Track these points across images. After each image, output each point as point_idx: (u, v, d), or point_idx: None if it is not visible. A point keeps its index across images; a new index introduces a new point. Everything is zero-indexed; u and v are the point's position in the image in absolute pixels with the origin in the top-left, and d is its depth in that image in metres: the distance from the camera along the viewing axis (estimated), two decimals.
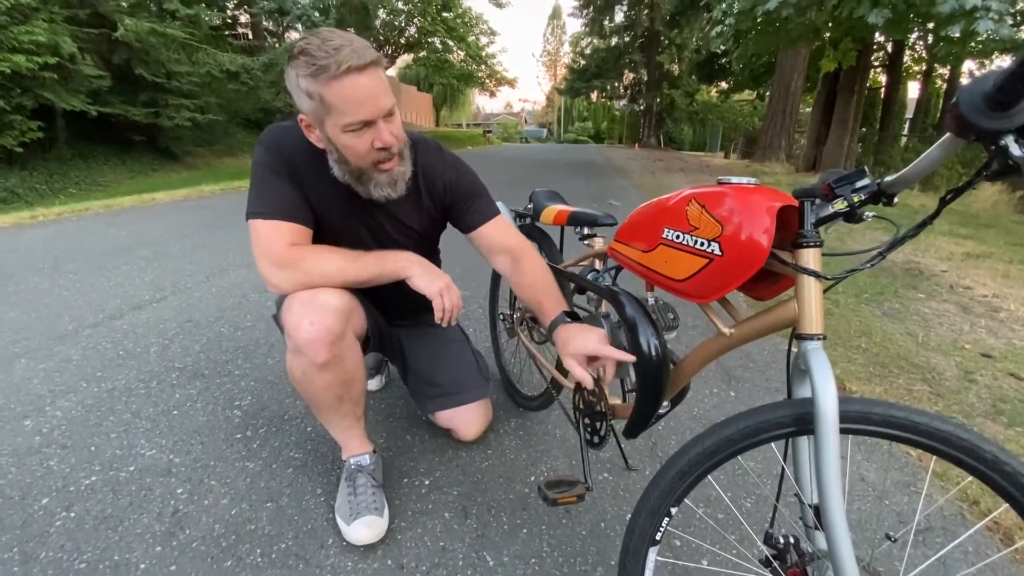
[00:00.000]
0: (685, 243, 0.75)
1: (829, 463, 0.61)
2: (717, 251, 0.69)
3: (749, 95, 22.80)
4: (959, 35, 6.16)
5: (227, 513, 1.15)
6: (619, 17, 28.09)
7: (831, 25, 8.22)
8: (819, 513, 0.66)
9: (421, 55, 21.30)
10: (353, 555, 1.05)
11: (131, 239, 3.95)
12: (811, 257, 0.65)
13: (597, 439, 1.09)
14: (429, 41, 20.26)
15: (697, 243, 0.72)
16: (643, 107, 30.40)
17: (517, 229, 1.39)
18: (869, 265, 0.66)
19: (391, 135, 0.95)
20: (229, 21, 14.39)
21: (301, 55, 0.88)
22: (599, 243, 1.24)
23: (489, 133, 39.53)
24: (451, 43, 20.71)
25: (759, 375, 1.88)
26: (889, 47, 11.60)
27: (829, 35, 8.84)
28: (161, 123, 9.87)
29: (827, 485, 0.62)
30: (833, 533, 0.63)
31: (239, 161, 11.96)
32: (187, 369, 1.84)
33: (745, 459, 1.34)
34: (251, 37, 15.13)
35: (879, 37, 9.45)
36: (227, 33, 13.80)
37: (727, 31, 9.19)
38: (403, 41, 20.16)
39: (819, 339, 0.65)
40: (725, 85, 21.80)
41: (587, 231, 1.27)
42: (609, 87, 31.46)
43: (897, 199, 0.63)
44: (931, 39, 9.62)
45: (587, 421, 1.11)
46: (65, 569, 1.00)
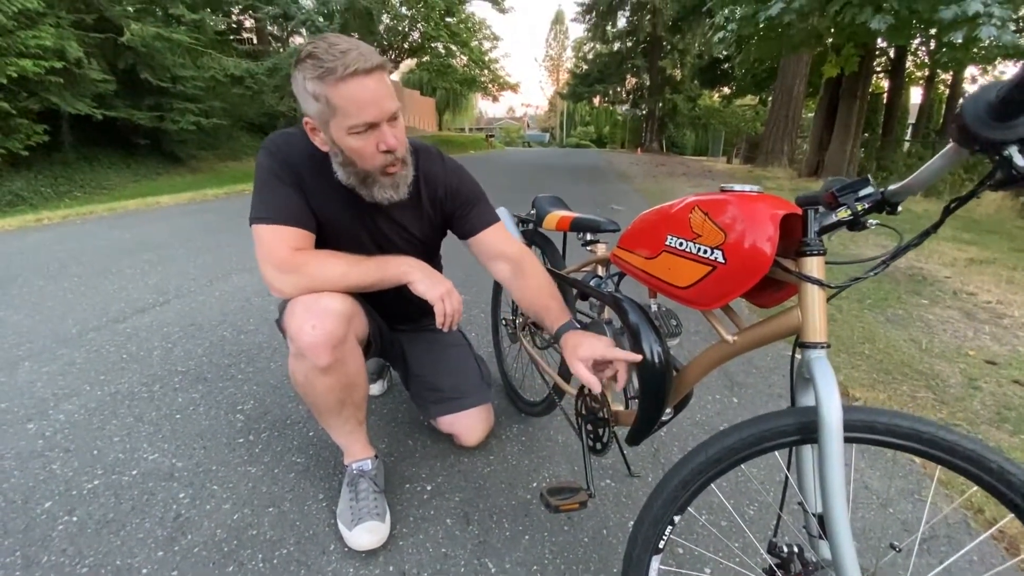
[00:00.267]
0: (688, 250, 0.75)
1: (833, 472, 0.61)
2: (720, 259, 0.69)
3: (751, 100, 22.89)
4: (961, 41, 6.16)
5: (229, 518, 1.15)
6: (621, 22, 28.21)
7: (833, 31, 8.23)
8: (823, 522, 0.65)
9: (424, 60, 21.41)
10: (355, 561, 1.05)
11: (135, 242, 3.97)
12: (815, 266, 0.66)
13: (600, 445, 1.09)
14: (432, 46, 20.35)
15: (700, 251, 0.72)
16: (645, 112, 30.45)
17: (518, 237, 1.39)
18: (873, 273, 0.66)
19: (395, 138, 0.96)
20: (234, 26, 14.49)
21: (308, 58, 0.89)
22: (602, 249, 1.24)
23: (491, 137, 39.63)
24: (454, 48, 20.81)
25: (762, 381, 1.87)
26: (891, 53, 11.61)
27: (831, 41, 8.86)
28: (166, 127, 9.93)
29: (831, 494, 0.62)
30: (837, 543, 0.63)
31: (243, 165, 12.01)
32: (190, 373, 1.84)
33: (748, 466, 1.34)
34: (256, 42, 15.23)
35: (881, 43, 9.46)
36: (232, 38, 13.89)
37: (729, 37, 9.21)
38: (406, 46, 20.25)
39: (823, 347, 0.65)
40: (727, 90, 21.84)
41: (590, 237, 1.27)
42: (611, 92, 31.52)
43: (901, 208, 0.64)
44: (933, 45, 9.62)
45: (589, 427, 1.11)
46: (67, 574, 1.00)
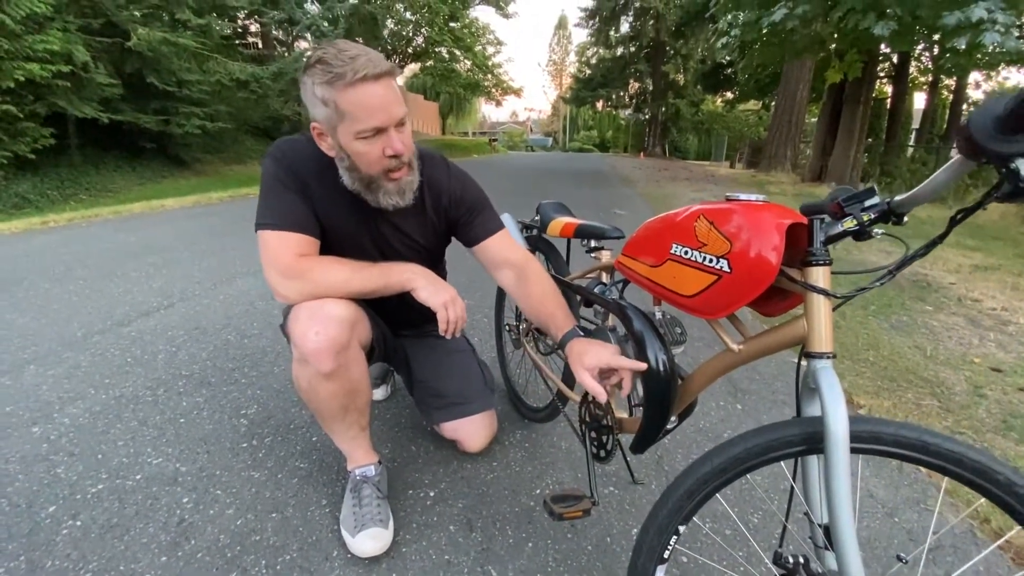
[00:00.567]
0: (694, 259, 0.75)
1: (839, 483, 0.61)
2: (726, 268, 0.69)
3: (754, 105, 22.90)
4: (965, 47, 6.17)
5: (232, 523, 1.15)
6: (625, 27, 28.27)
7: (836, 37, 8.24)
8: (829, 533, 0.65)
9: (428, 64, 21.51)
10: (358, 567, 1.04)
11: (140, 245, 3.99)
12: (820, 275, 0.66)
13: (604, 453, 1.09)
14: (436, 51, 20.46)
15: (706, 259, 0.72)
16: (648, 116, 30.48)
17: (522, 243, 1.39)
18: (879, 283, 0.66)
19: (402, 144, 0.97)
20: (239, 31, 14.58)
21: (317, 64, 0.90)
22: (606, 256, 1.24)
23: (495, 142, 39.69)
24: (458, 53, 20.91)
25: (766, 388, 1.87)
26: (895, 58, 11.61)
27: (835, 46, 8.87)
28: (171, 130, 9.98)
29: (837, 505, 0.62)
30: (844, 554, 0.63)
31: (247, 168, 12.06)
32: (194, 377, 1.85)
33: (752, 474, 1.33)
34: (261, 46, 15.32)
35: (885, 49, 9.47)
36: (237, 42, 13.98)
37: (732, 42, 9.25)
38: (410, 51, 20.36)
39: (829, 357, 0.65)
40: (730, 95, 21.87)
41: (594, 244, 1.27)
42: (614, 96, 31.57)
43: (907, 218, 0.63)
44: (937, 51, 9.62)
45: (593, 435, 1.11)
46: None
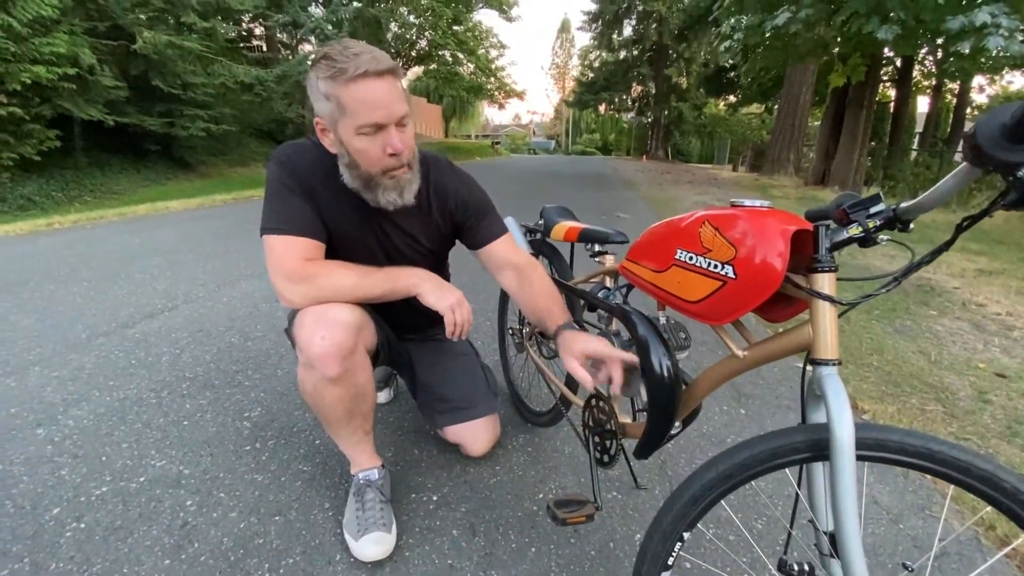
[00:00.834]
0: (698, 265, 0.75)
1: (845, 491, 0.61)
2: (731, 274, 0.69)
3: (757, 108, 22.85)
4: (969, 51, 6.15)
5: (236, 526, 1.15)
6: (628, 31, 28.34)
7: (840, 40, 8.24)
8: (834, 541, 0.65)
9: (431, 67, 21.59)
10: (361, 572, 1.04)
11: (144, 247, 4.01)
12: (826, 282, 0.65)
13: (607, 458, 1.09)
14: (439, 54, 20.52)
15: (711, 265, 0.72)
16: (651, 119, 30.52)
17: (526, 246, 1.40)
18: (884, 290, 0.66)
19: (402, 143, 0.98)
20: (244, 34, 14.67)
21: (323, 60, 0.93)
22: (610, 260, 1.24)
23: (497, 144, 39.78)
24: (461, 56, 20.98)
25: (769, 392, 1.86)
26: (898, 62, 11.60)
27: (838, 50, 8.86)
28: (176, 133, 10.05)
29: (843, 513, 0.62)
30: (849, 561, 0.62)
31: (251, 171, 12.12)
32: (198, 379, 1.85)
33: (756, 480, 1.33)
34: (265, 49, 15.41)
35: (888, 52, 9.45)
36: (242, 45, 14.07)
37: (735, 46, 9.24)
38: (414, 54, 20.44)
39: (834, 364, 0.65)
40: (733, 98, 21.86)
41: (598, 248, 1.27)
42: (617, 99, 31.63)
43: (912, 225, 0.63)
44: (941, 55, 9.61)
45: (597, 439, 1.11)
46: None
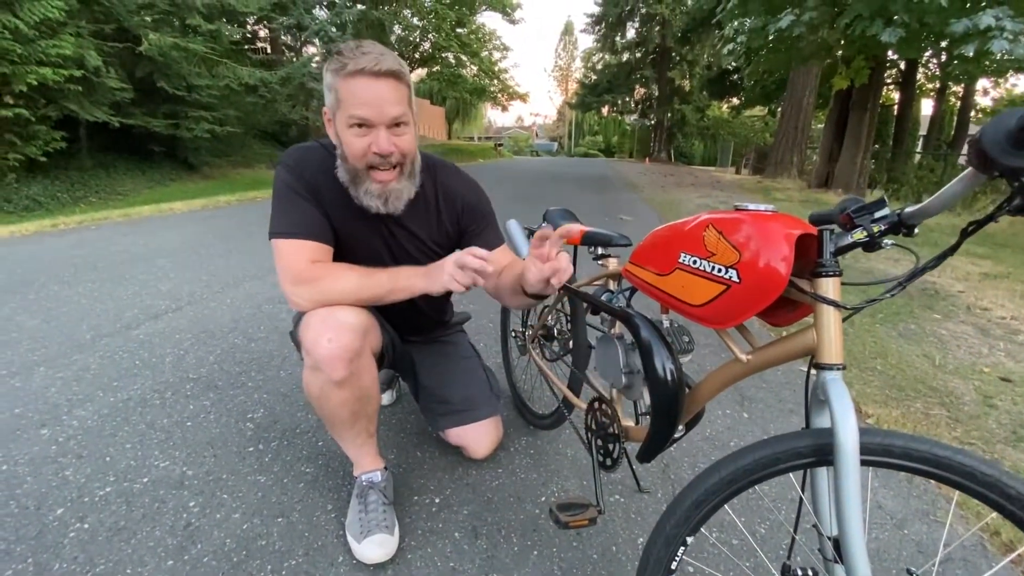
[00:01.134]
0: (702, 269, 0.75)
1: (849, 496, 0.61)
2: (735, 278, 0.69)
3: (760, 111, 22.84)
4: (973, 54, 6.14)
5: (238, 528, 1.16)
6: (631, 33, 28.39)
7: (843, 43, 8.24)
8: (839, 546, 0.65)
9: (435, 69, 21.68)
10: (363, 574, 1.04)
11: (148, 248, 4.02)
12: (830, 287, 0.65)
13: (610, 461, 1.09)
14: (443, 56, 20.60)
15: (714, 269, 0.72)
16: (654, 122, 30.52)
17: (528, 249, 1.40)
18: (889, 295, 0.66)
19: (391, 144, 0.99)
20: (249, 36, 14.73)
21: (336, 55, 0.98)
22: (613, 263, 1.24)
23: (500, 146, 39.81)
24: (464, 58, 21.06)
25: (772, 396, 1.86)
26: (902, 65, 11.58)
27: (841, 53, 8.86)
28: (180, 134, 10.07)
29: (847, 518, 0.61)
30: (853, 567, 0.62)
31: (255, 172, 12.15)
32: (201, 380, 1.86)
33: (760, 484, 1.32)
34: (269, 51, 15.46)
35: (892, 55, 9.44)
36: (246, 48, 14.11)
37: (739, 48, 9.25)
38: (418, 56, 20.51)
39: (839, 369, 0.65)
40: (736, 101, 21.88)
41: (601, 251, 1.27)
42: (620, 102, 31.65)
43: (917, 230, 0.63)
44: (945, 58, 9.59)
45: (600, 442, 1.11)
46: None
